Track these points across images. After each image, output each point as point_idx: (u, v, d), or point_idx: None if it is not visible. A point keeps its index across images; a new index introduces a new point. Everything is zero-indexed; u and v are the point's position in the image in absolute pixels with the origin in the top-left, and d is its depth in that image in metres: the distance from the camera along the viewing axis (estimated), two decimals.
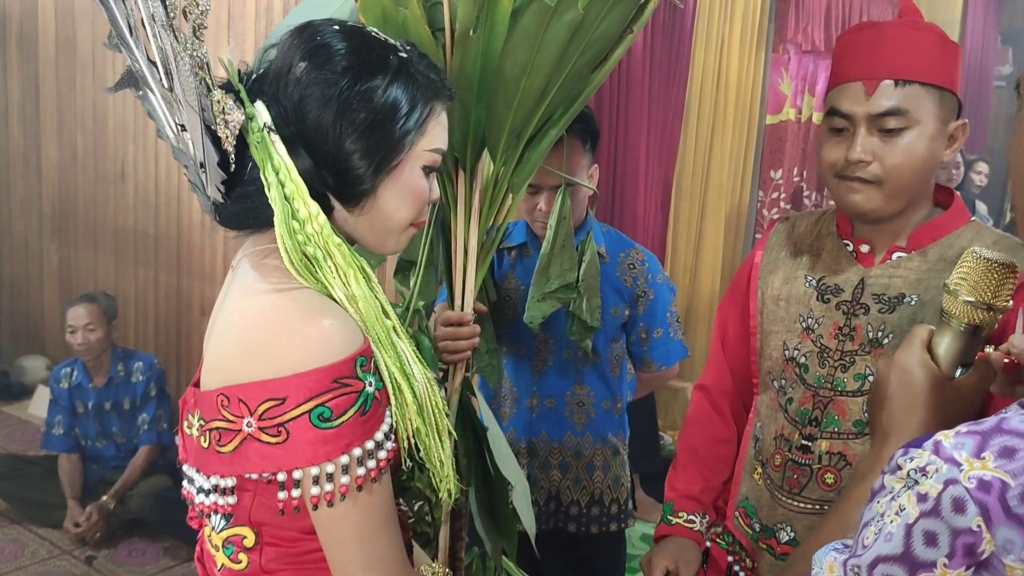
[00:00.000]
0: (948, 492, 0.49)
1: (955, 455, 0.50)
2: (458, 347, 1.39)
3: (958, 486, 0.49)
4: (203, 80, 0.88)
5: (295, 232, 0.90)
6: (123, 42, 0.86)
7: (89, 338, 3.12)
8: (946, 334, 0.79)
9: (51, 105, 4.16)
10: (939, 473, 0.50)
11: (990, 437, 0.50)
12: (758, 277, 1.34)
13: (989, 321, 0.77)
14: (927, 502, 0.50)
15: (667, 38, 3.42)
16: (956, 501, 0.49)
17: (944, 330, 0.79)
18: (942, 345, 0.79)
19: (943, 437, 0.52)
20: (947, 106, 1.15)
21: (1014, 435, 0.50)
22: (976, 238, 1.17)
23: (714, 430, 1.43)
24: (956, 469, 0.49)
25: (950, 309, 0.78)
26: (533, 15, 1.18)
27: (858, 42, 1.16)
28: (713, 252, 3.99)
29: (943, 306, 0.79)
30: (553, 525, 1.95)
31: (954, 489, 0.49)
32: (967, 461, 0.49)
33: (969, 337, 0.78)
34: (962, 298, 0.77)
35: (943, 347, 0.79)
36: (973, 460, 0.49)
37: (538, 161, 1.38)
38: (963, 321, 0.77)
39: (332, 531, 0.90)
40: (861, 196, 1.16)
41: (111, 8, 0.84)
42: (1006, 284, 0.76)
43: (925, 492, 0.50)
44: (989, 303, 0.76)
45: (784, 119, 4.38)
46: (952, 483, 0.49)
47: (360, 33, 0.95)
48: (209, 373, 0.92)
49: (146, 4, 0.84)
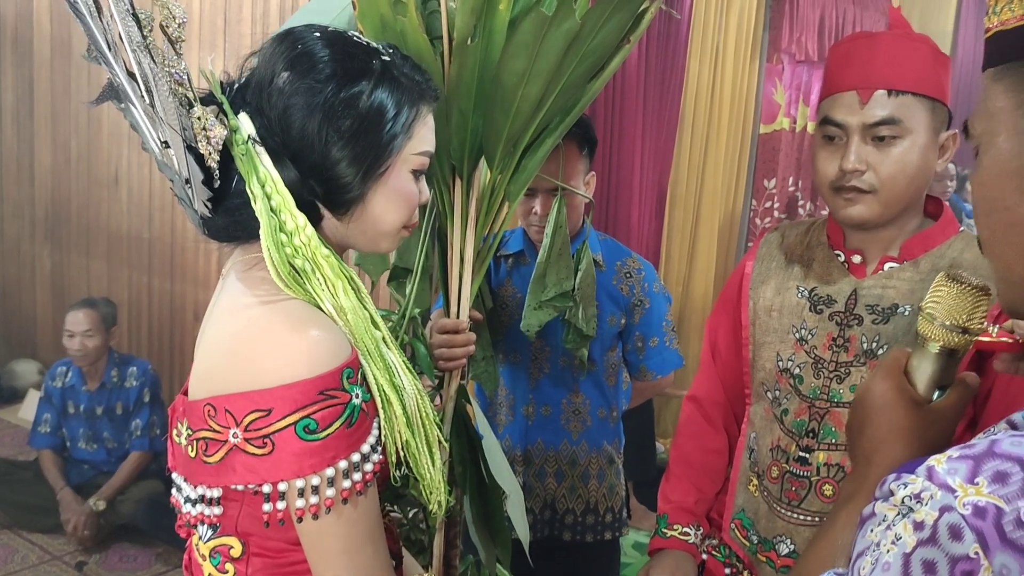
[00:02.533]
0: (944, 519, 0.49)
1: (949, 481, 0.50)
2: (453, 355, 1.39)
3: (954, 513, 0.49)
4: (183, 97, 0.87)
5: (282, 245, 0.89)
6: (102, 56, 0.84)
7: (86, 344, 3.11)
8: (922, 357, 0.79)
9: (45, 108, 4.15)
10: (934, 500, 0.50)
11: (983, 462, 0.50)
12: (749, 288, 1.34)
13: (964, 344, 0.77)
14: (923, 530, 0.49)
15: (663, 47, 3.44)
16: (952, 528, 0.48)
17: (920, 353, 0.79)
18: (919, 368, 0.79)
19: (936, 462, 0.51)
20: (938, 116, 1.16)
21: (1006, 459, 0.50)
22: (966, 248, 1.18)
23: (706, 440, 1.42)
24: (951, 496, 0.49)
25: (925, 332, 0.78)
26: (531, 24, 1.19)
27: (852, 52, 1.17)
28: (707, 260, 4.00)
29: (918, 329, 0.79)
30: (548, 533, 1.94)
31: (950, 516, 0.49)
32: (961, 487, 0.49)
33: (945, 360, 0.78)
34: (937, 322, 0.77)
35: (919, 370, 0.78)
36: (967, 486, 0.49)
37: (535, 169, 1.38)
38: (939, 344, 0.77)
39: (317, 543, 0.89)
40: (859, 207, 1.16)
41: (88, 24, 0.83)
42: (980, 306, 0.76)
43: (921, 520, 0.50)
44: (964, 326, 0.76)
45: (778, 128, 4.40)
46: (947, 510, 0.49)
47: (342, 38, 0.94)
48: (197, 383, 0.92)
49: (123, 22, 0.83)
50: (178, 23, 0.87)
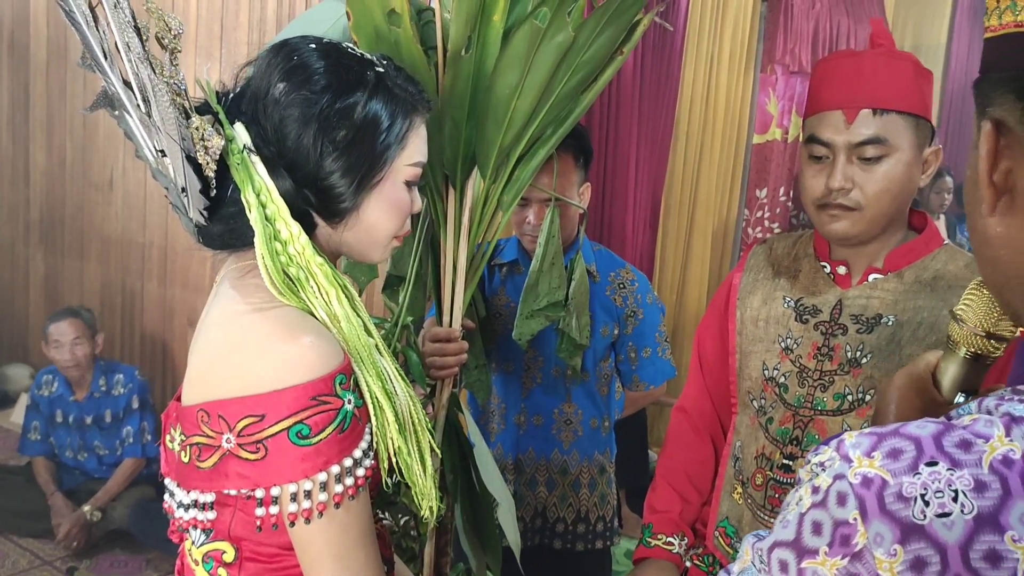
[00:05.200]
0: (835, 486, 0.53)
1: (850, 452, 0.54)
2: (445, 363, 1.40)
3: (844, 481, 0.53)
4: (181, 107, 0.88)
5: (277, 254, 0.90)
6: (97, 64, 0.85)
7: (76, 353, 3.09)
8: (950, 360, 0.81)
9: (41, 112, 4.15)
10: (832, 468, 0.54)
11: (885, 439, 0.54)
12: (736, 298, 1.36)
13: (992, 349, 0.79)
14: (819, 494, 0.54)
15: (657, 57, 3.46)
16: (840, 495, 0.52)
17: (948, 357, 0.81)
18: (946, 371, 0.81)
19: (848, 436, 0.56)
20: (922, 133, 1.18)
21: (905, 438, 0.53)
22: (950, 260, 1.20)
23: (693, 452, 1.44)
24: (847, 465, 0.53)
25: (954, 336, 0.80)
26: (524, 36, 1.20)
27: (837, 71, 1.19)
28: (700, 268, 4.01)
29: (948, 333, 0.82)
30: (539, 542, 1.95)
31: (840, 484, 0.53)
32: (858, 459, 0.53)
33: (971, 365, 0.80)
34: (966, 327, 0.79)
35: (946, 373, 0.81)
36: (864, 458, 0.53)
37: (528, 180, 1.39)
38: (966, 348, 0.80)
39: (309, 548, 0.89)
40: (843, 223, 1.18)
41: (84, 33, 0.84)
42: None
43: (819, 485, 0.54)
44: (992, 332, 0.78)
45: (770, 139, 4.42)
46: (840, 478, 0.53)
47: (337, 50, 0.95)
48: (190, 388, 0.92)
49: (121, 33, 0.84)
50: (173, 34, 0.87)
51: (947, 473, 0.50)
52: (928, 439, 0.52)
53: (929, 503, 0.50)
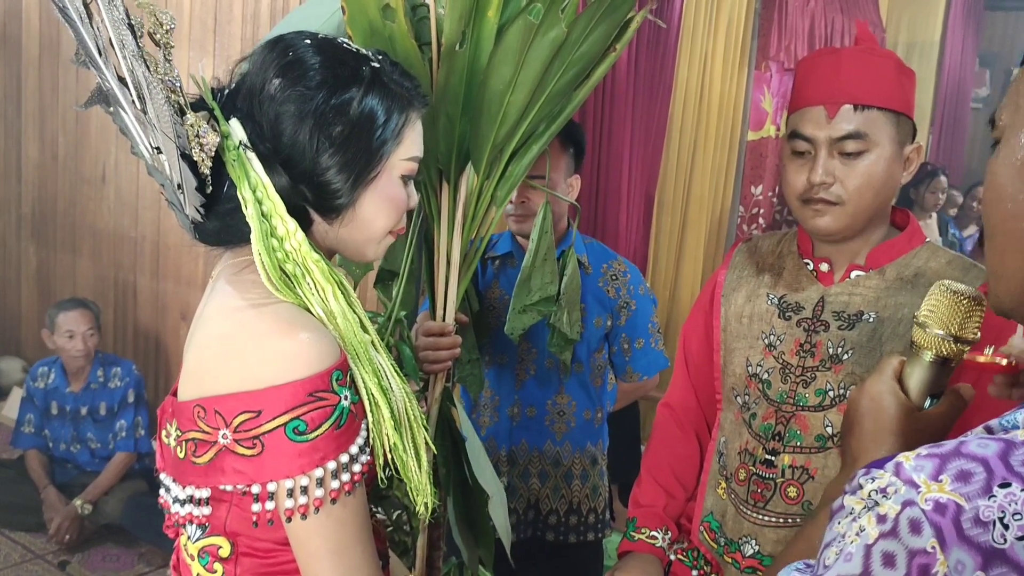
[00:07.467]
0: (905, 513, 0.50)
1: (914, 477, 0.51)
2: (438, 357, 1.40)
3: (915, 508, 0.50)
4: (176, 104, 0.88)
5: (274, 250, 0.90)
6: (91, 60, 0.85)
7: (88, 343, 3.12)
8: (916, 365, 0.81)
9: (33, 106, 4.13)
10: (898, 494, 0.51)
11: (948, 460, 0.51)
12: (721, 295, 1.37)
13: (957, 353, 0.79)
14: (886, 523, 0.51)
15: (651, 54, 3.46)
16: (913, 522, 0.50)
17: (914, 361, 0.81)
18: (912, 376, 0.81)
19: (904, 459, 0.53)
20: (904, 129, 1.19)
21: (971, 459, 0.51)
22: (931, 258, 1.21)
23: (678, 447, 1.45)
24: (914, 491, 0.51)
25: (919, 341, 0.80)
26: (518, 32, 1.20)
27: (818, 67, 1.20)
28: (694, 264, 4.03)
29: (912, 338, 0.81)
30: (532, 534, 1.96)
31: (911, 511, 0.50)
32: (925, 483, 0.51)
33: (938, 368, 0.80)
34: (931, 331, 0.79)
35: (913, 378, 0.80)
36: (931, 482, 0.51)
37: (521, 175, 1.40)
38: (932, 352, 0.79)
39: (305, 543, 0.90)
40: (826, 218, 1.19)
41: (77, 29, 0.83)
42: (973, 316, 0.78)
43: (884, 513, 0.51)
44: (957, 335, 0.78)
45: (765, 136, 4.43)
46: (910, 505, 0.50)
47: (332, 45, 0.95)
48: (186, 384, 0.92)
49: (115, 30, 0.83)
50: (166, 29, 0.87)
51: (1022, 494, 0.49)
52: (995, 459, 0.50)
53: (1008, 526, 0.48)
